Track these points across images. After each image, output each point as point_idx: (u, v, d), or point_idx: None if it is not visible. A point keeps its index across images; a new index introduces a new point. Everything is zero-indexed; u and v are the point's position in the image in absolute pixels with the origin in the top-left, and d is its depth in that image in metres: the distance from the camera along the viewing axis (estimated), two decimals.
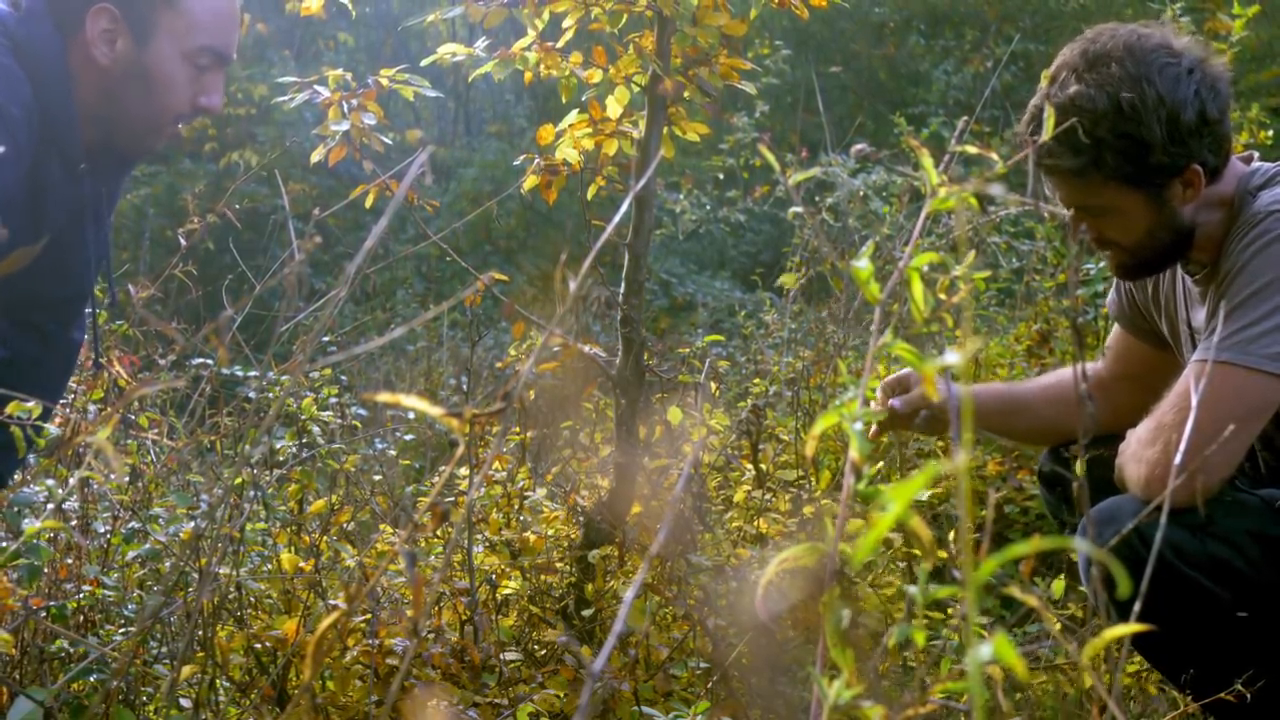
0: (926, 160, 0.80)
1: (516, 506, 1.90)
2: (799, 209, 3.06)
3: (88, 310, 1.68)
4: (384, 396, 0.73)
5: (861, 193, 3.60)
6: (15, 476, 1.55)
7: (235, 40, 1.57)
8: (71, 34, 1.49)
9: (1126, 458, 1.45)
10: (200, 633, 1.47)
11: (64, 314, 1.62)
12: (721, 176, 6.18)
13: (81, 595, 1.41)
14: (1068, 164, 1.43)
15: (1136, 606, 0.92)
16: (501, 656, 1.58)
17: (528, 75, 1.81)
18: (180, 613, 1.46)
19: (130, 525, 1.53)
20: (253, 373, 2.11)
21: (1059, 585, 1.13)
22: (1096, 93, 1.41)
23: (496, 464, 1.95)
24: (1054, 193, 1.50)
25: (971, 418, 1.73)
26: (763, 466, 2.17)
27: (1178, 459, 1.28)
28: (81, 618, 1.43)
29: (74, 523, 1.48)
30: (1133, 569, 1.05)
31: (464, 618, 1.67)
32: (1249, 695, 1.30)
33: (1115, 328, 1.78)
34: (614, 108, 1.80)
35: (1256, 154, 1.55)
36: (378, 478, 2.28)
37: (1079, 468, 1.46)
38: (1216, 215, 1.49)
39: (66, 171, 1.51)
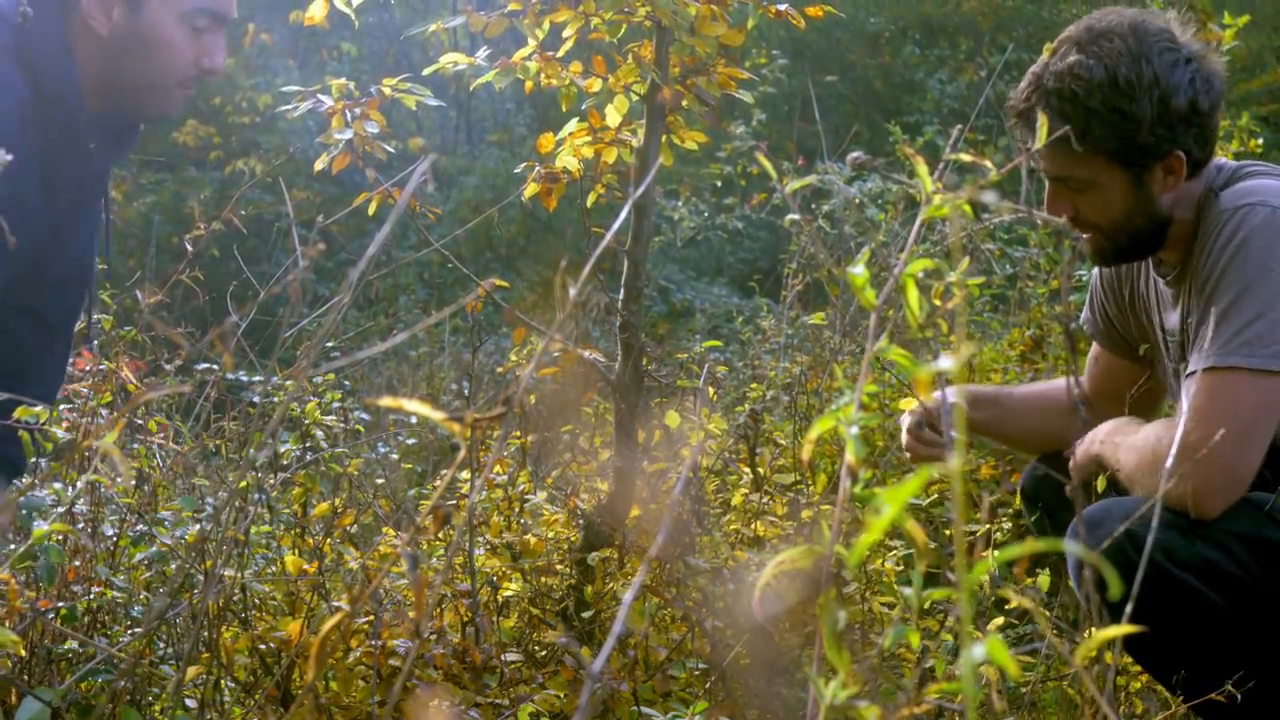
0: (921, 168, 0.81)
1: (517, 509, 1.92)
2: (796, 216, 3.07)
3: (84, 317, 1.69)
4: (387, 401, 0.74)
5: (857, 200, 3.63)
6: (24, 470, 1.57)
7: (233, 0, 1.57)
8: (69, 10, 1.50)
9: (1143, 472, 1.42)
10: (206, 634, 1.48)
11: (64, 298, 1.63)
12: (719, 184, 6.20)
13: (90, 597, 1.42)
14: (1056, 130, 1.45)
15: (1129, 608, 0.93)
16: (502, 657, 1.59)
17: (528, 84, 1.83)
18: (186, 614, 1.47)
19: (137, 528, 1.54)
20: (257, 378, 2.13)
21: (1045, 580, 1.15)
22: (1095, 64, 1.43)
23: (497, 468, 1.97)
24: (1039, 160, 1.50)
25: (963, 416, 1.75)
26: (760, 470, 2.19)
27: (1225, 471, 1.28)
28: (89, 619, 1.44)
29: (82, 525, 1.50)
30: (1124, 572, 1.07)
31: (465, 619, 1.68)
32: (1239, 696, 1.31)
33: (1094, 347, 1.78)
34: (613, 116, 1.83)
35: (1227, 161, 1.56)
36: (380, 481, 2.30)
37: (1100, 482, 1.48)
38: (1188, 214, 1.50)
39: (74, 152, 1.53)
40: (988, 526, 1.66)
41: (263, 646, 1.55)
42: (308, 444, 1.92)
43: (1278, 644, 1.40)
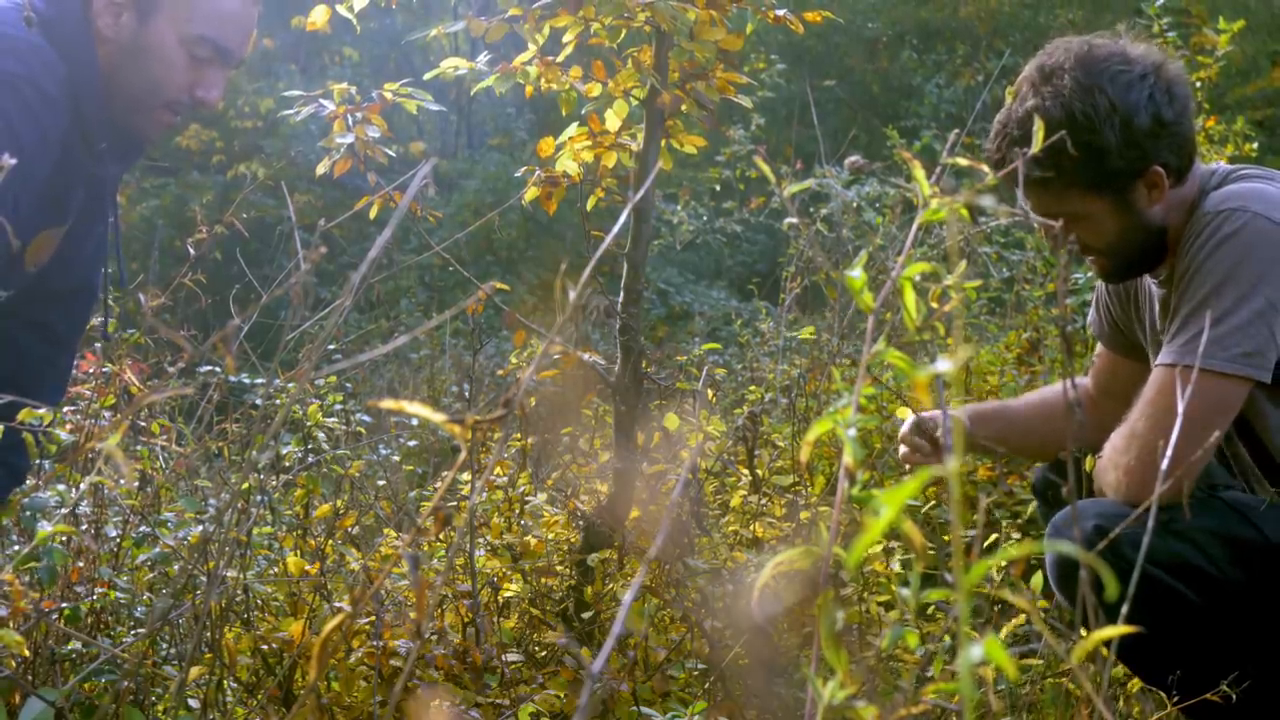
0: (919, 172, 0.82)
1: (517, 511, 1.93)
2: (794, 220, 3.09)
3: (98, 314, 1.70)
4: (388, 403, 0.75)
5: (855, 204, 3.64)
6: (29, 474, 1.58)
7: (241, 41, 1.57)
8: (89, 7, 1.51)
9: (1103, 466, 1.48)
10: (208, 634, 1.49)
11: (71, 310, 1.64)
12: (718, 188, 6.22)
13: (93, 598, 1.43)
14: (1031, 175, 1.46)
15: (1125, 608, 0.94)
16: (503, 658, 1.60)
17: (528, 89, 1.85)
18: (189, 615, 1.48)
19: (140, 529, 1.55)
20: (260, 380, 2.15)
21: (1038, 580, 1.16)
22: (1050, 104, 1.45)
23: (498, 469, 1.98)
24: (1027, 203, 1.53)
25: (965, 436, 1.76)
26: (758, 472, 2.20)
27: (1158, 463, 1.31)
28: (93, 620, 1.45)
29: (86, 527, 1.51)
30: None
31: (466, 620, 1.69)
32: (1234, 697, 1.32)
33: (1099, 346, 1.81)
34: (613, 121, 1.84)
35: (1221, 164, 1.58)
36: (382, 483, 2.31)
37: (1089, 462, 1.50)
38: (1181, 219, 1.52)
39: (87, 149, 1.53)
40: (995, 536, 1.67)
41: (265, 647, 1.55)
42: (309, 446, 1.93)
43: (1256, 641, 1.42)
